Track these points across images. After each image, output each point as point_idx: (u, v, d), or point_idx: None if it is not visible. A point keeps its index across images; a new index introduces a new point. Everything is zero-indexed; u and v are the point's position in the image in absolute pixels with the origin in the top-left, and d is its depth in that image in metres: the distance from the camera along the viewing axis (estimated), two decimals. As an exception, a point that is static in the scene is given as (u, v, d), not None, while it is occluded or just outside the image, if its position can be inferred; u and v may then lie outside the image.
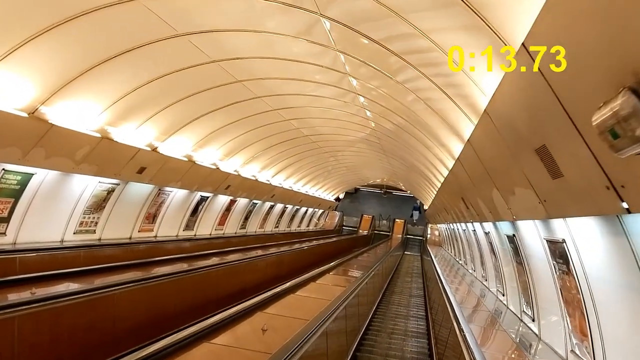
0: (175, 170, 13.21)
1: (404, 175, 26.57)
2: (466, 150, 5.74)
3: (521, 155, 3.59)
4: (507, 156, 3.92)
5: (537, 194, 3.69)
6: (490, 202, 5.92)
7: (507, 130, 3.66)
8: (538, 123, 3.10)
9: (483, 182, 5.65)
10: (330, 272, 11.66)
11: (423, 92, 7.83)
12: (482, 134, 4.47)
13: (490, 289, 12.44)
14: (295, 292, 7.85)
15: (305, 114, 14.63)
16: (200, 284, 9.11)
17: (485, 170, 5.05)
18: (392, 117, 11.87)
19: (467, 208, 8.72)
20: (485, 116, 4.07)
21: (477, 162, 5.18)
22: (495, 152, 4.36)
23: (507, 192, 4.72)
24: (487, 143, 4.44)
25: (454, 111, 6.75)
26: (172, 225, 15.88)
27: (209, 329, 5.09)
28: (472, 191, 6.94)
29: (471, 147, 5.23)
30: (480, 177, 5.57)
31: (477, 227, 12.75)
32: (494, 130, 3.91)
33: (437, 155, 11.48)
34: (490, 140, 4.23)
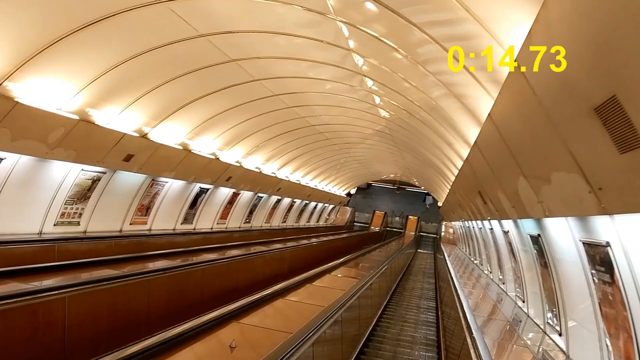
0: (168, 159, 12.27)
1: (417, 170, 25.44)
2: (486, 129, 4.69)
3: (568, 122, 2.54)
4: (543, 128, 2.87)
5: (587, 179, 2.63)
6: (514, 195, 4.86)
7: (550, 86, 2.60)
8: (608, 63, 2.04)
9: (506, 170, 4.58)
10: (331, 272, 10.64)
11: (440, 70, 6.78)
12: (508, 101, 3.41)
13: (507, 293, 11.36)
14: (284, 297, 6.86)
15: (308, 100, 13.59)
16: (183, 283, 8.17)
17: (510, 153, 4.00)
18: (402, 102, 10.80)
19: (484, 203, 7.63)
20: (515, 76, 2.99)
21: (500, 142, 4.12)
22: (526, 125, 3.30)
23: (538, 181, 3.66)
24: (516, 113, 3.39)
25: (471, 87, 5.70)
26: (169, 218, 14.98)
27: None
28: (492, 183, 5.86)
29: (492, 124, 4.17)
30: (502, 163, 4.51)
31: (494, 225, 11.65)
32: (528, 91, 2.85)
33: (452, 144, 10.39)
34: (521, 107, 3.17)
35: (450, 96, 7.47)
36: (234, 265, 10.22)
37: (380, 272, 13.20)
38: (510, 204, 5.41)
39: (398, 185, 42.74)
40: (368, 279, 10.43)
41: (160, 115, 11.03)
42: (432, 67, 6.98)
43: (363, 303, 9.90)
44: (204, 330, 4.86)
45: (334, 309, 6.51)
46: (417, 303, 14.54)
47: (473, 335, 5.67)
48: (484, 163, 5.50)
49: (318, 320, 5.44)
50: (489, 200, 6.96)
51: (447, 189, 19.06)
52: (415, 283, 19.19)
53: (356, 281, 9.52)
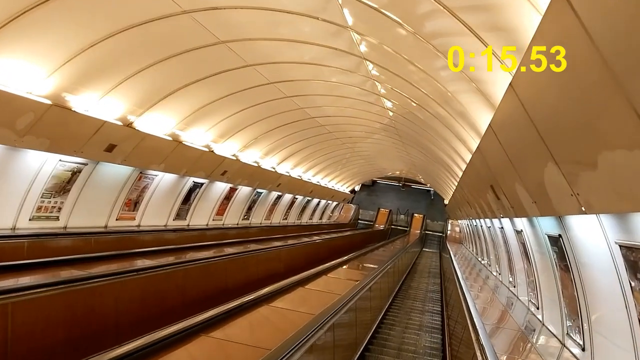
0: (156, 150, 11.49)
1: (423, 166, 24.57)
2: (505, 107, 3.85)
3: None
4: (596, 86, 2.05)
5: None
6: (537, 187, 4.03)
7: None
8: None
9: (530, 155, 3.74)
10: (329, 273, 9.83)
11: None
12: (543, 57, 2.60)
13: (519, 298, 10.53)
14: (270, 303, 6.05)
15: (307, 89, 12.75)
16: (162, 286, 7.38)
17: (537, 133, 3.16)
18: (407, 89, 9.96)
19: (497, 199, 6.79)
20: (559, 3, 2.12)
21: (523, 120, 3.28)
22: (568, 88, 2.46)
23: (577, 167, 2.84)
24: (552, 76, 2.56)
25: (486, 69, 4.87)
26: (160, 213, 14.20)
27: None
28: (508, 174, 5.01)
29: (514, 97, 3.33)
30: (525, 146, 3.68)
31: (505, 223, 10.80)
32: (578, 30, 2.01)
33: (460, 135, 9.56)
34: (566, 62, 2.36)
35: (461, 79, 6.63)
36: (222, 265, 9.43)
37: (383, 273, 12.39)
38: (532, 198, 4.57)
39: (403, 182, 41.85)
40: (368, 281, 9.62)
41: (146, 103, 10.25)
42: (441, 41, 6.14)
43: (362, 306, 9.10)
44: (165, 346, 4.07)
45: (326, 318, 5.70)
46: (421, 307, 13.71)
47: (486, 354, 4.85)
48: (499, 150, 4.67)
49: (299, 338, 4.62)
50: (503, 195, 6.12)
51: (453, 186, 18.20)
52: (419, 284, 18.36)
53: (354, 284, 8.71)
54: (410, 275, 20.33)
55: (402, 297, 14.64)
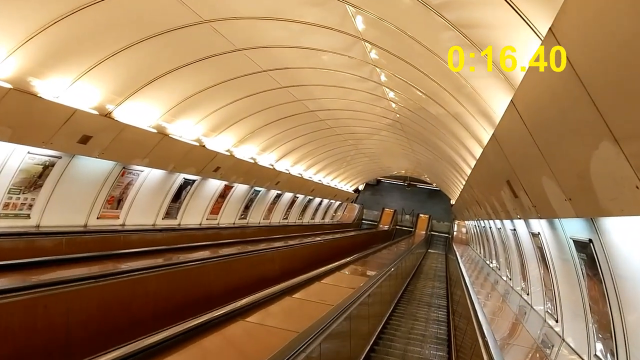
0: (139, 143, 10.60)
1: (429, 165, 23.58)
2: (533, 75, 2.91)
3: None
4: None
5: None
6: (577, 179, 3.08)
7: None
8: None
9: (574, 133, 2.79)
10: (324, 278, 8.91)
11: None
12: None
13: (533, 307, 9.58)
14: (246, 318, 5.12)
15: (303, 78, 11.82)
16: (127, 295, 6.47)
17: (589, 98, 2.24)
18: (411, 75, 9.01)
19: (514, 197, 5.83)
20: None
21: (566, 84, 2.39)
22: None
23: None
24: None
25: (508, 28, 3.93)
26: (147, 212, 13.32)
27: None
28: (534, 164, 4.05)
29: (556, 52, 2.43)
30: (567, 122, 2.75)
31: (519, 225, 9.85)
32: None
33: (470, 127, 8.61)
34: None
35: (474, 59, 5.69)
36: (206, 269, 8.52)
37: (385, 277, 11.46)
38: (565, 195, 3.63)
39: (408, 182, 40.83)
40: (367, 288, 8.69)
41: (126, 91, 9.35)
42: (453, 14, 5.20)
43: (360, 314, 8.18)
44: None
45: (311, 337, 4.78)
46: (425, 314, 12.74)
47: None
48: (522, 133, 3.72)
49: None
50: (522, 192, 5.17)
51: (461, 185, 17.23)
52: (424, 287, 17.40)
53: (351, 292, 7.78)
54: (414, 278, 19.38)
55: (406, 303, 13.69)
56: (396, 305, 12.86)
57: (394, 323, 11.13)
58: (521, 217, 6.39)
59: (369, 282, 8.99)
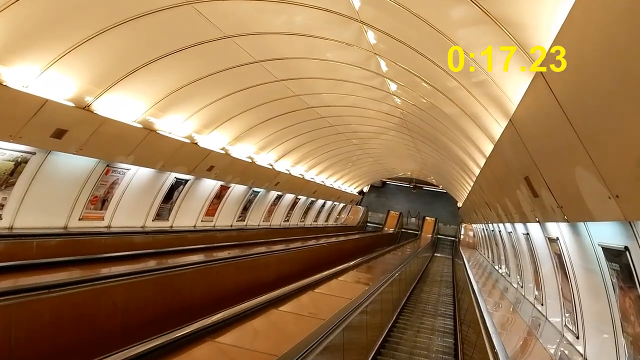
0: (121, 138, 9.84)
1: (435, 166, 22.74)
2: (572, 27, 2.17)
3: None
4: None
5: None
6: (637, 166, 2.28)
7: None
8: None
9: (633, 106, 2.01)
10: (320, 286, 8.11)
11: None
12: None
13: (548, 319, 8.74)
14: (216, 338, 4.34)
15: (300, 71, 11.03)
16: (89, 307, 5.70)
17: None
18: (415, 63, 8.22)
19: (533, 196, 5.02)
20: None
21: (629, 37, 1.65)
22: None
23: None
24: None
25: None
26: (135, 213, 12.58)
27: None
28: (565, 153, 3.26)
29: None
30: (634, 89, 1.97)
31: (533, 229, 9.02)
32: None
33: (480, 119, 7.79)
34: None
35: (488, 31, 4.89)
36: (187, 276, 7.73)
37: (387, 284, 10.65)
38: (610, 191, 2.82)
39: (414, 184, 39.96)
40: (367, 297, 7.88)
41: (104, 81, 8.60)
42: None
43: (357, 324, 7.39)
44: None
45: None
46: (431, 324, 11.90)
47: None
48: (551, 111, 2.92)
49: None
50: (545, 190, 4.35)
51: (468, 186, 16.40)
52: (430, 294, 16.54)
53: (347, 302, 6.98)
54: (420, 284, 18.53)
55: (410, 312, 12.85)
56: (399, 315, 12.03)
57: (396, 335, 10.30)
58: (541, 220, 5.57)
59: (369, 291, 8.18)
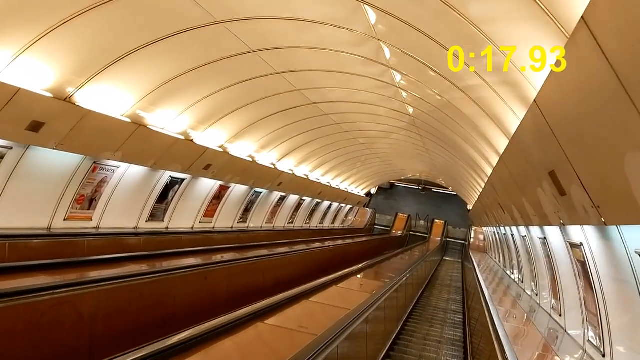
0: (107, 133, 9.20)
1: (445, 167, 21.96)
2: None
3: None
4: None
5: None
6: None
7: None
8: None
9: None
10: (313, 296, 7.40)
11: None
12: None
13: (567, 331, 7.99)
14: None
15: (299, 63, 10.34)
16: (51, 321, 5.03)
17: None
18: (422, 50, 7.50)
19: (560, 195, 4.27)
20: None
21: None
22: None
23: None
24: None
25: None
26: (127, 213, 11.94)
27: None
28: (611, 135, 2.53)
29: None
30: None
31: (551, 234, 8.26)
32: None
33: (492, 110, 7.05)
34: None
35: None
36: (171, 282, 7.05)
37: (393, 290, 9.93)
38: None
39: (423, 185, 39.13)
40: (368, 306, 7.16)
41: (86, 70, 7.97)
42: None
43: (357, 334, 6.68)
44: None
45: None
46: (439, 334, 11.13)
47: None
48: (597, 81, 2.23)
49: None
50: (577, 186, 3.61)
51: (479, 188, 15.63)
52: (438, 301, 15.76)
53: (345, 313, 6.26)
54: (428, 289, 17.76)
55: (416, 321, 12.09)
56: (405, 323, 11.28)
57: (401, 347, 9.55)
58: (567, 223, 4.82)
59: (370, 301, 7.45)
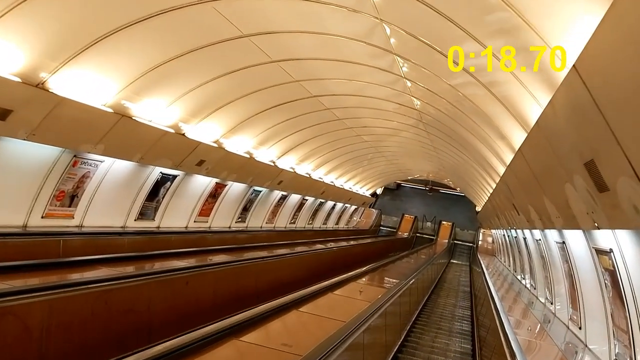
0: (86, 123, 8.45)
1: (453, 167, 21.11)
2: None
3: None
4: None
5: None
6: None
7: None
8: None
9: None
10: (303, 306, 6.61)
11: None
12: None
13: (589, 347, 7.18)
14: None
15: (300, 52, 9.56)
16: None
17: None
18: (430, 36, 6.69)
19: (598, 190, 3.45)
20: None
21: None
22: None
23: None
24: None
25: None
26: (114, 211, 11.21)
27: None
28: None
29: None
30: None
31: (572, 237, 7.43)
32: None
33: (509, 99, 6.23)
34: None
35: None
36: (145, 287, 6.28)
37: (396, 297, 9.15)
38: None
39: (430, 186, 38.23)
40: (365, 319, 6.36)
41: (61, 53, 7.23)
42: None
43: (355, 349, 5.89)
44: None
45: None
46: (445, 347, 10.29)
47: None
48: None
49: None
50: (630, 177, 2.78)
51: (490, 188, 14.79)
52: (445, 308, 14.91)
53: (339, 327, 5.47)
54: (434, 294, 16.92)
55: (421, 330, 11.26)
56: (409, 332, 10.47)
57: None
58: (605, 226, 3.99)
59: (369, 311, 6.65)
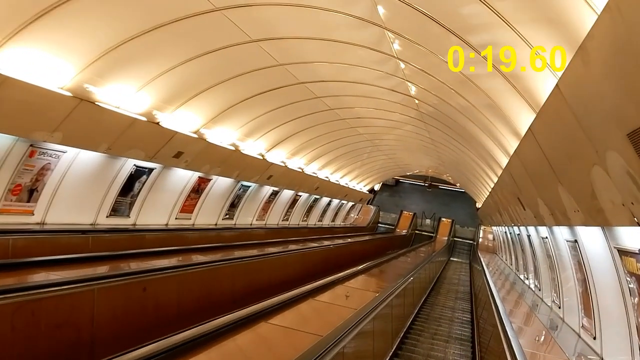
0: (36, 108, 7.49)
1: (453, 162, 20.19)
2: None
3: None
4: None
5: None
6: None
7: None
8: None
9: None
10: (283, 311, 5.71)
11: None
12: None
13: (604, 359, 6.28)
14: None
15: (281, 28, 8.64)
16: None
17: None
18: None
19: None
20: None
21: None
22: None
23: None
24: None
25: None
26: (81, 207, 10.28)
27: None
28: None
29: None
30: None
31: (586, 236, 6.52)
32: None
33: (517, 79, 5.31)
34: None
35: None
36: (88, 296, 5.36)
37: (390, 299, 8.27)
38: None
39: (430, 182, 37.28)
40: (352, 327, 5.46)
41: (8, 24, 6.30)
42: None
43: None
44: None
45: None
46: (442, 355, 9.37)
47: None
48: None
49: None
50: None
51: (492, 182, 13.89)
52: (443, 310, 14.01)
53: (312, 344, 4.56)
54: (433, 294, 16.03)
55: (417, 334, 10.35)
56: (404, 338, 9.56)
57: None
58: (630, 223, 3.08)
59: (352, 322, 5.73)
